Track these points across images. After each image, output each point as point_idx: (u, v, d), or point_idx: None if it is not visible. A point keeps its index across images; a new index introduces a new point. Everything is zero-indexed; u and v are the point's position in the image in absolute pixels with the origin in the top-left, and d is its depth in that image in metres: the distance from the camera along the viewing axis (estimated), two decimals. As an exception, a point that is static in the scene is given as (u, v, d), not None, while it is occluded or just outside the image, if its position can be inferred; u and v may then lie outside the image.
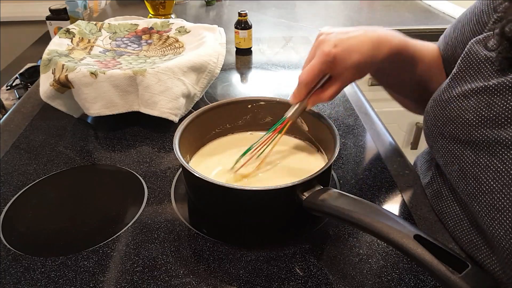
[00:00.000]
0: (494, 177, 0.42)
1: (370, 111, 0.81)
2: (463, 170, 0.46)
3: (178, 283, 0.45)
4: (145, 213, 0.55)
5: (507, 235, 0.40)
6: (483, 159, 0.43)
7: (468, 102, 0.45)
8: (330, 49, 0.49)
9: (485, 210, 0.43)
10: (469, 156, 0.45)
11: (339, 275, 0.47)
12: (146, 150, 0.68)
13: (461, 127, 0.46)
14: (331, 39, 0.50)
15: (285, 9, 1.50)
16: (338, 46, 0.49)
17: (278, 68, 0.99)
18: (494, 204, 0.41)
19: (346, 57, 0.49)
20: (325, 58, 0.49)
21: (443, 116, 0.49)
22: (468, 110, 0.45)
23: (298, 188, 0.47)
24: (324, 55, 0.49)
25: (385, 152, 0.68)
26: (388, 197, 0.58)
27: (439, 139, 0.50)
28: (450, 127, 0.48)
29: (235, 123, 0.65)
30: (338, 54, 0.49)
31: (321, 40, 0.51)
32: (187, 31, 0.90)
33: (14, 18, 1.84)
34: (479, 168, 0.44)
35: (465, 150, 0.46)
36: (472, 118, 0.44)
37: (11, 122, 0.77)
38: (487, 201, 0.42)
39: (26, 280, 0.46)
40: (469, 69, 0.47)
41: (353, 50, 0.49)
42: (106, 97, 0.71)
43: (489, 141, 0.43)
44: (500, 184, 0.41)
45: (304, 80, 0.51)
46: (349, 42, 0.50)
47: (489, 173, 0.42)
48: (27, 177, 0.62)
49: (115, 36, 0.90)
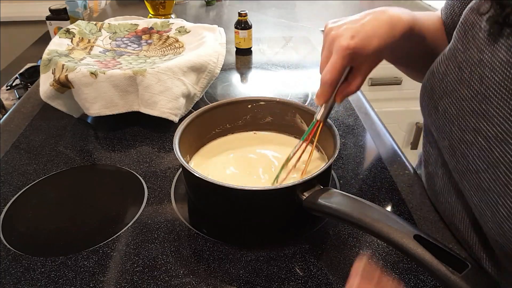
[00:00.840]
0: (479, 155, 0.41)
1: (370, 111, 0.81)
2: (453, 147, 0.45)
3: (178, 283, 0.45)
4: (145, 213, 0.55)
5: (494, 216, 0.39)
6: (469, 135, 0.42)
7: (462, 74, 0.44)
8: (349, 42, 0.47)
9: (473, 189, 0.42)
10: (456, 132, 0.44)
11: (339, 275, 0.47)
12: (146, 150, 0.68)
13: (456, 102, 0.45)
14: (345, 31, 0.48)
15: (285, 9, 1.50)
16: (355, 36, 0.47)
17: (278, 68, 0.99)
18: (481, 184, 0.41)
19: (366, 46, 0.48)
20: (346, 52, 0.47)
21: (440, 89, 0.48)
22: (462, 83, 0.44)
23: (298, 188, 0.47)
24: (343, 49, 0.47)
25: (385, 152, 0.68)
26: (388, 197, 0.58)
27: (433, 112, 0.49)
28: (445, 101, 0.47)
29: (235, 123, 0.65)
30: (358, 44, 0.47)
31: (334, 35, 0.49)
32: (187, 31, 0.90)
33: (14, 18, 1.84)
34: (465, 145, 0.43)
35: (453, 126, 0.45)
36: (466, 92, 0.43)
37: (11, 122, 0.77)
38: (474, 181, 0.42)
39: (26, 280, 0.46)
40: (464, 39, 0.46)
41: (371, 36, 0.48)
42: (106, 97, 0.71)
43: (476, 117, 0.42)
44: (485, 163, 0.40)
45: (329, 80, 0.48)
46: (365, 29, 0.48)
47: (474, 151, 0.42)
48: (27, 177, 0.62)
49: (115, 36, 0.90)
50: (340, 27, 0.49)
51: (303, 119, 0.61)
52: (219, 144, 0.63)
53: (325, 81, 0.48)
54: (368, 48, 0.47)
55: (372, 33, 0.48)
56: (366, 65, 0.50)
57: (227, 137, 0.65)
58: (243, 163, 0.59)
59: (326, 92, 0.49)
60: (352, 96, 0.85)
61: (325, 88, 0.49)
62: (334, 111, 0.80)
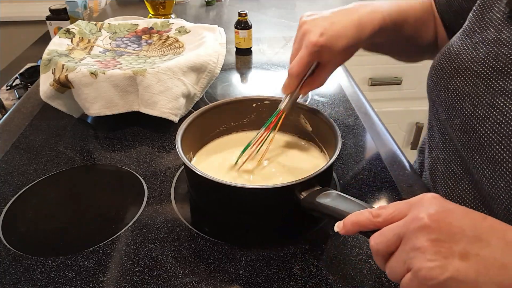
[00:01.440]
0: (493, 128, 0.43)
1: (370, 111, 0.81)
2: (464, 124, 0.47)
3: (178, 283, 0.45)
4: (145, 213, 0.55)
5: (508, 186, 0.41)
6: (481, 111, 0.44)
7: (477, 53, 0.46)
8: (317, 39, 0.50)
9: (486, 163, 0.43)
10: (467, 108, 0.46)
11: (339, 275, 0.47)
12: (146, 150, 0.68)
13: (468, 79, 0.46)
14: (316, 28, 0.51)
15: (285, 9, 1.50)
16: (324, 34, 0.50)
17: (278, 68, 0.99)
18: (494, 156, 0.42)
19: (333, 44, 0.50)
20: (313, 49, 0.50)
21: (451, 69, 0.49)
22: (477, 61, 0.46)
23: (297, 187, 0.47)
24: (311, 45, 0.50)
25: (385, 152, 0.68)
26: (388, 197, 0.58)
27: (443, 92, 0.51)
28: (456, 79, 0.48)
29: (239, 122, 0.65)
30: (325, 43, 0.50)
31: (306, 30, 0.51)
32: (187, 31, 0.90)
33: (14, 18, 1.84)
34: (477, 120, 0.44)
35: (464, 103, 0.47)
36: (480, 69, 0.45)
37: (11, 122, 0.77)
38: (487, 153, 0.43)
39: (26, 280, 0.46)
40: (481, 21, 0.47)
41: (338, 36, 0.50)
42: (106, 97, 0.71)
43: (491, 92, 0.43)
44: (499, 135, 0.42)
45: (295, 72, 0.51)
46: (334, 28, 0.50)
47: (487, 125, 0.43)
48: (27, 177, 0.62)
49: (115, 36, 0.90)
50: (313, 22, 0.52)
51: (306, 119, 0.61)
52: (222, 142, 0.64)
53: (292, 73, 0.51)
54: (334, 47, 0.50)
55: (339, 33, 0.50)
56: (332, 62, 0.53)
57: (231, 135, 0.65)
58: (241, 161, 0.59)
59: (292, 84, 0.53)
60: (352, 96, 0.86)
61: (291, 79, 0.52)
62: (334, 111, 0.80)
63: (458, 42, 0.50)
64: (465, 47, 0.48)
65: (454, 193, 0.51)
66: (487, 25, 0.46)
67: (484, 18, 0.47)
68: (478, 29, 0.47)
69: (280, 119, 0.56)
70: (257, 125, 0.65)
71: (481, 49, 0.46)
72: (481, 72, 0.45)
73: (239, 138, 0.64)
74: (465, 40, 0.49)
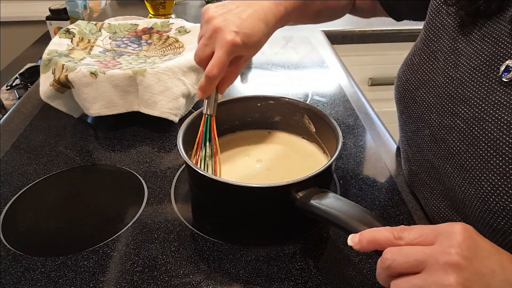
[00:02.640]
0: (459, 137, 0.43)
1: (370, 111, 0.81)
2: (433, 134, 0.47)
3: (178, 283, 0.45)
4: (145, 213, 0.55)
5: (478, 193, 0.41)
6: (447, 120, 0.44)
7: (437, 63, 0.46)
8: (233, 38, 0.49)
9: (456, 171, 0.44)
10: (435, 119, 0.46)
11: (338, 275, 0.47)
12: (146, 150, 0.68)
13: (432, 90, 0.47)
14: (228, 25, 0.49)
15: (285, 9, 1.50)
16: (239, 32, 0.49)
17: (278, 68, 0.99)
18: (463, 164, 0.42)
19: (247, 41, 0.50)
20: (231, 48, 0.49)
21: (416, 80, 0.50)
22: (438, 71, 0.46)
23: (293, 187, 0.47)
24: (229, 45, 0.49)
25: (385, 152, 0.68)
26: (388, 197, 0.58)
27: (411, 104, 0.51)
28: (422, 91, 0.49)
29: (244, 121, 0.65)
30: (241, 40, 0.49)
31: (217, 26, 0.50)
32: (187, 31, 0.90)
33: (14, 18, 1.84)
34: (445, 130, 0.45)
35: (431, 114, 0.47)
36: (441, 79, 0.45)
37: (11, 122, 0.77)
38: (456, 162, 0.43)
39: (26, 280, 0.46)
40: (435, 29, 0.47)
41: (251, 32, 0.50)
42: (106, 97, 0.71)
43: (453, 101, 0.43)
44: (465, 144, 0.42)
45: (216, 74, 0.49)
46: (246, 25, 0.50)
47: (454, 134, 0.43)
48: (27, 177, 0.62)
49: (115, 36, 0.90)
50: (222, 18, 0.51)
51: (311, 120, 0.61)
52: (226, 140, 0.64)
53: (212, 75, 0.49)
54: (248, 44, 0.50)
55: (252, 29, 0.50)
56: (246, 56, 0.54)
57: (235, 134, 0.65)
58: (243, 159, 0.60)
59: (211, 86, 0.51)
60: (352, 96, 0.86)
61: (211, 82, 0.50)
62: (334, 111, 0.80)
63: (418, 52, 0.50)
64: (425, 57, 0.48)
65: (430, 203, 0.52)
66: (441, 31, 0.46)
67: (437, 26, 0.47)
68: (434, 38, 0.47)
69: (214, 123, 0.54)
70: (261, 125, 0.65)
71: (440, 58, 0.46)
72: (442, 82, 0.45)
73: (242, 137, 0.65)
74: (423, 50, 0.49)
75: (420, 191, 0.55)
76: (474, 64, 0.42)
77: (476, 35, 0.42)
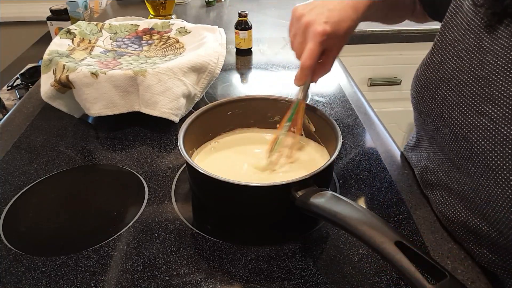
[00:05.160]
0: (484, 136, 0.42)
1: (369, 111, 0.81)
2: (454, 133, 0.47)
3: (179, 282, 0.45)
4: (146, 213, 0.55)
5: (504, 193, 0.41)
6: (471, 119, 0.44)
7: (462, 62, 0.46)
8: (323, 28, 0.51)
9: (480, 171, 0.43)
10: (457, 117, 0.46)
11: (338, 274, 0.47)
12: (147, 150, 0.68)
13: (455, 88, 0.47)
14: (317, 17, 0.52)
15: (285, 9, 1.50)
16: (328, 22, 0.51)
17: (278, 68, 0.99)
18: (488, 164, 0.42)
19: (337, 30, 0.52)
20: (321, 38, 0.51)
21: (436, 78, 0.50)
22: (462, 70, 0.46)
23: (293, 186, 0.47)
24: (320, 35, 0.51)
25: (385, 152, 0.68)
26: (388, 197, 0.58)
27: (430, 103, 0.51)
28: (443, 89, 0.48)
29: (244, 121, 0.65)
30: (331, 30, 0.51)
31: (307, 21, 0.52)
32: (188, 32, 0.91)
33: (15, 18, 1.84)
34: (468, 129, 0.44)
35: (452, 112, 0.47)
36: (466, 78, 0.45)
37: (12, 122, 0.77)
38: (480, 162, 0.43)
39: (27, 280, 0.46)
40: (459, 27, 0.47)
41: (340, 21, 0.52)
42: (107, 97, 0.71)
43: (479, 100, 0.43)
44: (491, 143, 0.42)
45: (309, 65, 0.52)
46: (334, 14, 0.52)
47: (478, 133, 0.43)
48: (28, 177, 0.62)
49: (116, 36, 0.90)
50: (312, 13, 0.53)
51: (310, 120, 0.62)
52: (225, 140, 0.64)
53: (306, 66, 0.52)
54: (339, 32, 0.52)
55: (340, 18, 0.52)
56: (337, 46, 0.55)
57: (235, 133, 0.65)
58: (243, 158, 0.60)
59: (306, 75, 0.54)
60: (351, 97, 0.86)
61: (305, 72, 0.53)
62: (334, 111, 0.80)
63: (440, 51, 0.50)
64: (448, 56, 0.48)
65: (446, 203, 0.52)
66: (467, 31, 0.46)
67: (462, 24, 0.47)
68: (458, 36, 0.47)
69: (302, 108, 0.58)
70: (262, 124, 0.66)
71: (465, 57, 0.46)
72: (467, 80, 0.45)
73: (242, 137, 0.65)
74: (446, 48, 0.49)
75: (434, 191, 0.54)
76: (501, 62, 0.41)
77: (503, 33, 0.41)
